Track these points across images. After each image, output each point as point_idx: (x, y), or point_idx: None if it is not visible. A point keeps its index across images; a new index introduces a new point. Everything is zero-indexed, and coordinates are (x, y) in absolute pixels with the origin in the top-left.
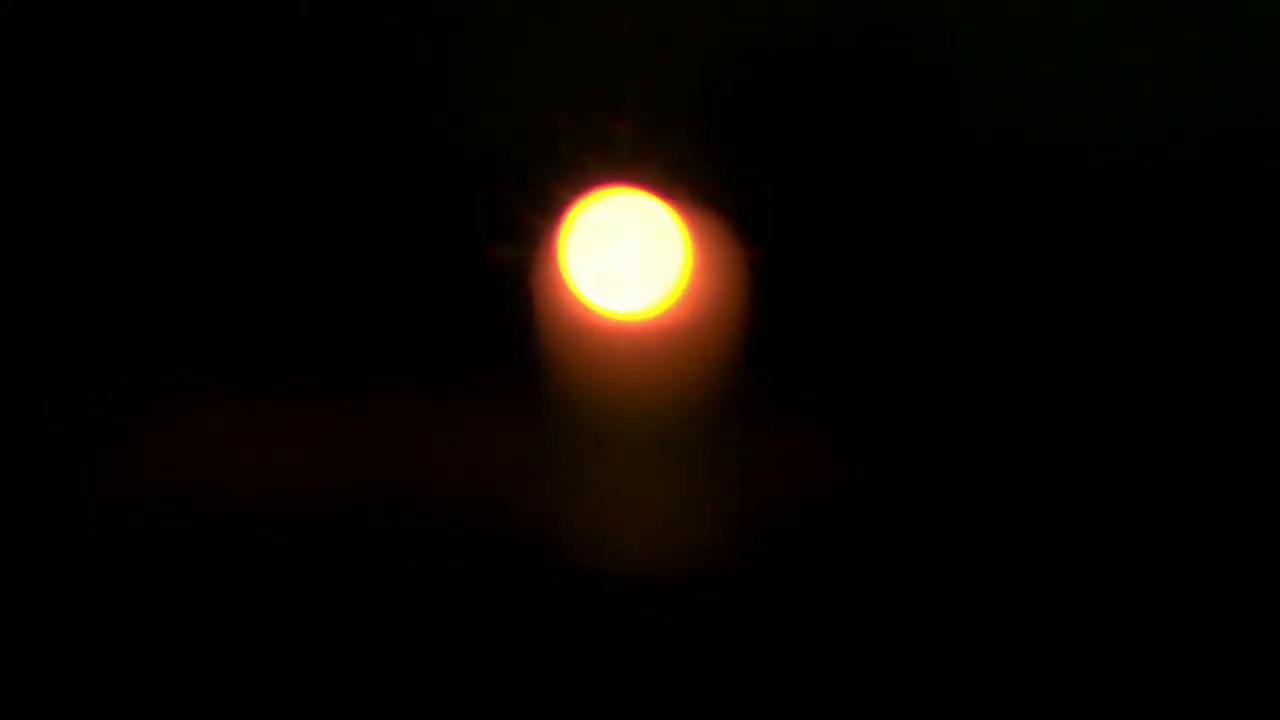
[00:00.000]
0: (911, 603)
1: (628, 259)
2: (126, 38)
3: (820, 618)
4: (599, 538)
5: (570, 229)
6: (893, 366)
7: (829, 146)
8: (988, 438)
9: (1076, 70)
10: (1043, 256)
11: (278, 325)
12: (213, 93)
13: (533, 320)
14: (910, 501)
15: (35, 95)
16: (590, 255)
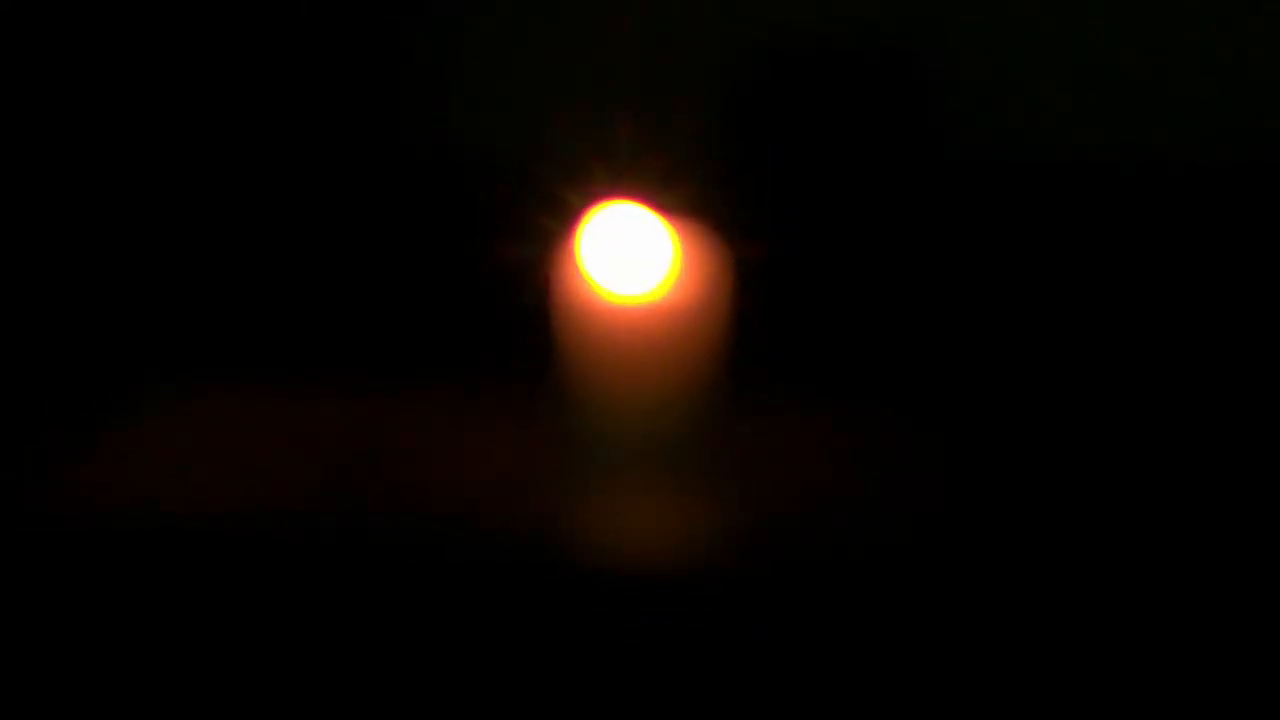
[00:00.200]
0: (911, 602)
1: (632, 248)
2: (123, 37)
3: (820, 616)
4: (602, 535)
5: (581, 223)
6: (892, 365)
7: (829, 145)
8: (987, 437)
9: (1077, 70)
10: (1042, 256)
11: (284, 323)
12: (242, 96)
13: (544, 312)
14: (909, 500)
15: (34, 95)
16: (599, 246)
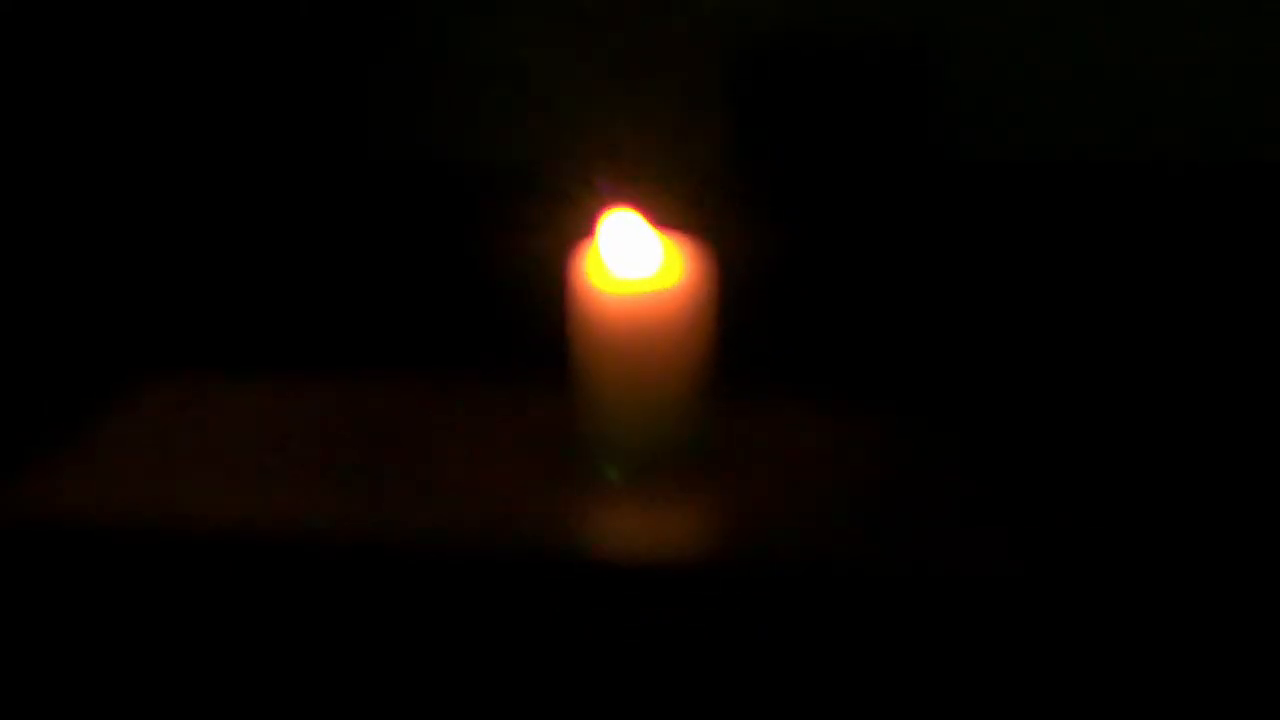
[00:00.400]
0: (910, 601)
1: (637, 241)
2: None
3: (821, 615)
4: (603, 533)
5: (589, 224)
6: (891, 363)
7: (828, 144)
8: (987, 435)
9: (1078, 71)
10: (1042, 256)
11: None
12: (248, 100)
13: (551, 306)
14: (909, 498)
15: (32, 94)
16: (607, 245)
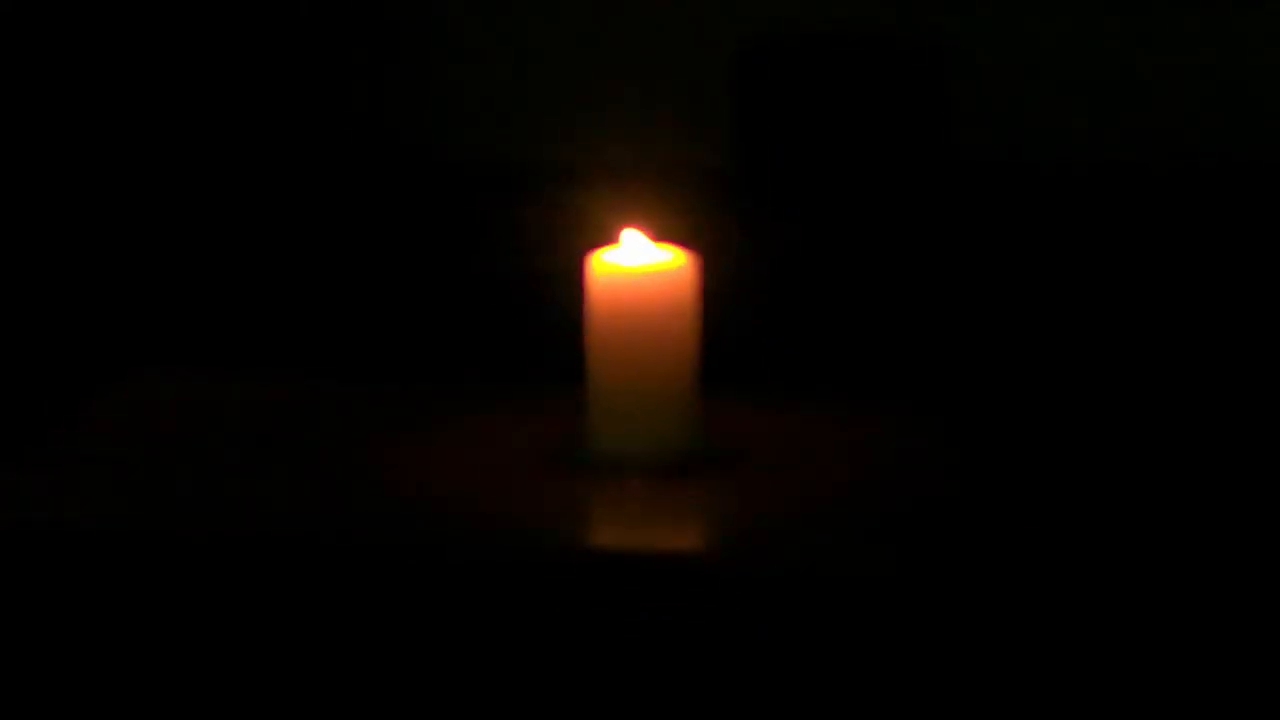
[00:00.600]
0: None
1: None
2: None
3: (820, 615)
4: (605, 532)
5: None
6: (894, 363)
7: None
8: (989, 436)
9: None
10: (1042, 255)
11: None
12: (254, 102)
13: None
14: (908, 497)
15: (31, 94)
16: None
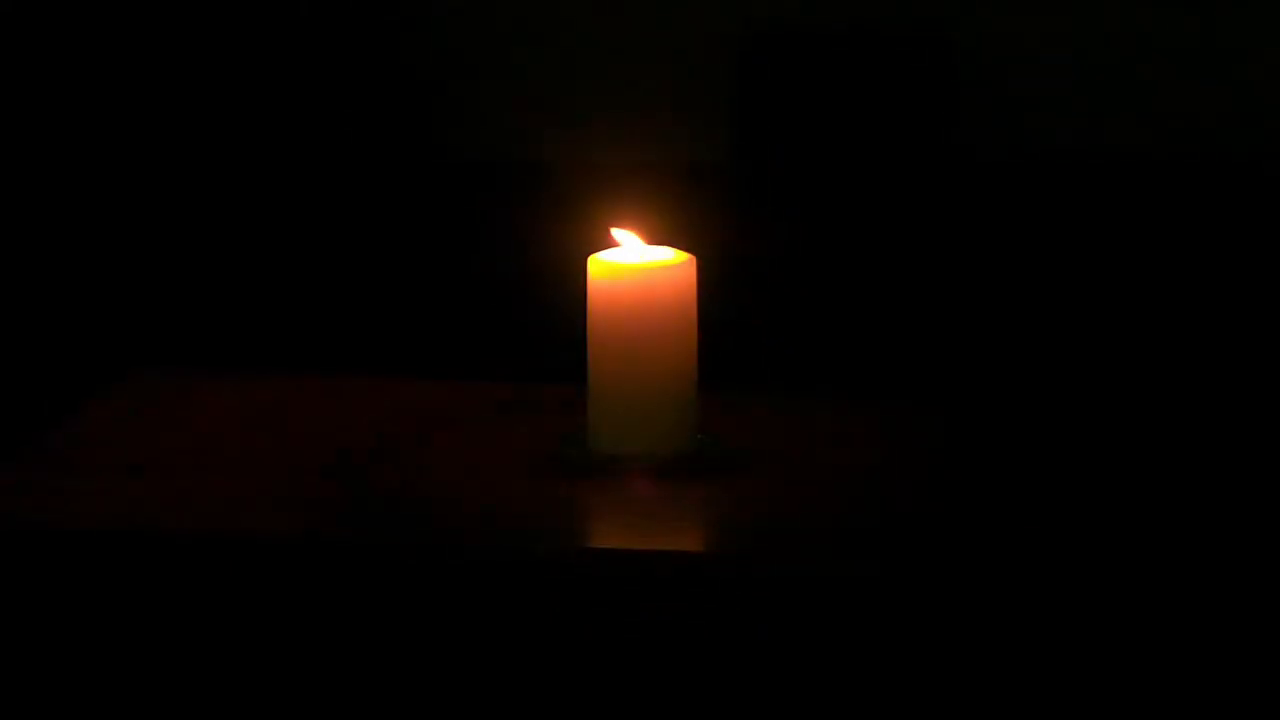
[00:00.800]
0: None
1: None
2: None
3: (821, 615)
4: (606, 531)
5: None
6: (895, 362)
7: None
8: (987, 434)
9: (1079, 69)
10: (1042, 254)
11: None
12: (263, 103)
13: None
14: (910, 497)
15: (31, 94)
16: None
